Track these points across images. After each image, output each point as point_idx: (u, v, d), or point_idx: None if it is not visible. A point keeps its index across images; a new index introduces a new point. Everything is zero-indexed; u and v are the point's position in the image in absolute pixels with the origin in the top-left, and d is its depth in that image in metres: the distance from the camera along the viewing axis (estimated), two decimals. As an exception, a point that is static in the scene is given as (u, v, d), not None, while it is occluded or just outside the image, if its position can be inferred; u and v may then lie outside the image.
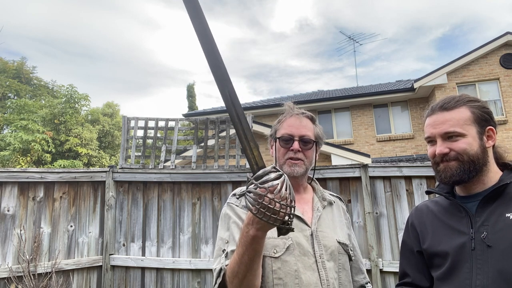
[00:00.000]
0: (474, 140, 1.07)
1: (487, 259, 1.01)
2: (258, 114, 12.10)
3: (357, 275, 1.38)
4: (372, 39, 31.21)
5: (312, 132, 1.33)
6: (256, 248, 0.98)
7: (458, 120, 1.08)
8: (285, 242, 1.19)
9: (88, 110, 16.03)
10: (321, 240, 1.24)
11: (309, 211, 1.31)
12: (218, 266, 1.15)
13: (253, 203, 0.88)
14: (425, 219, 1.22)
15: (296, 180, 1.31)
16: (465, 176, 1.07)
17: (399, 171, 3.67)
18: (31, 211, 3.77)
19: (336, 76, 70.29)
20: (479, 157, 1.07)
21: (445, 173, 1.09)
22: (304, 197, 1.35)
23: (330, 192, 1.46)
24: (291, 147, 1.29)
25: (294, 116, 1.34)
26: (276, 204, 0.85)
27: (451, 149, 1.07)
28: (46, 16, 42.71)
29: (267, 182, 0.87)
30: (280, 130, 1.33)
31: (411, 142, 11.86)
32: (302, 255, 1.19)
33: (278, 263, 1.17)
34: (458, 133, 1.07)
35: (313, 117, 1.38)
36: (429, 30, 78.46)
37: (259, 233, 0.94)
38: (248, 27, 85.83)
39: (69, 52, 47.90)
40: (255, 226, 0.93)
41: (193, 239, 3.96)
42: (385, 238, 3.64)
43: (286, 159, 1.29)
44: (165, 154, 4.60)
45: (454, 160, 1.07)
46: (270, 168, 0.91)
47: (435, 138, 1.11)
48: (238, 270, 1.03)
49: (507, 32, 10.92)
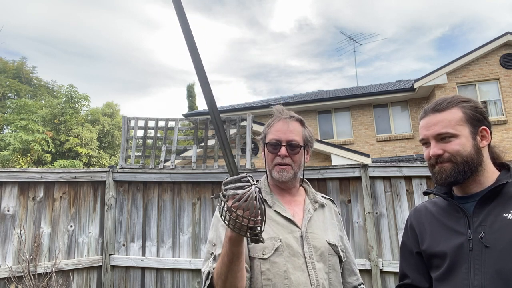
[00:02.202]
0: (467, 141, 1.08)
1: (485, 260, 1.01)
2: (258, 114, 12.09)
3: (350, 276, 1.39)
4: (372, 39, 31.28)
5: (300, 136, 1.32)
6: (234, 250, 0.99)
7: (450, 121, 1.09)
8: (274, 244, 1.20)
9: (88, 110, 16.04)
10: (311, 241, 1.25)
11: (300, 213, 1.32)
12: (207, 269, 1.17)
13: (219, 207, 0.92)
14: (423, 220, 1.22)
15: (286, 184, 1.33)
16: (460, 177, 1.07)
17: (399, 171, 3.67)
18: (31, 211, 3.77)
19: (335, 76, 70.31)
20: (473, 158, 1.07)
21: (440, 174, 1.10)
22: (296, 199, 1.37)
23: (322, 194, 1.47)
24: (278, 152, 1.29)
25: (282, 121, 1.33)
26: (233, 212, 0.88)
27: (445, 150, 1.08)
28: (46, 16, 42.73)
29: (232, 189, 0.90)
30: (269, 135, 1.34)
31: (411, 142, 11.86)
32: (291, 256, 1.20)
33: (267, 264, 1.19)
34: (450, 134, 1.08)
35: (302, 120, 1.38)
36: (429, 30, 78.48)
37: (233, 234, 0.95)
38: (248, 27, 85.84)
39: (69, 52, 47.93)
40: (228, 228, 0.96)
41: (193, 239, 3.96)
42: (385, 238, 3.64)
43: (274, 165, 1.30)
44: (165, 154, 4.60)
45: (447, 161, 1.08)
46: (239, 177, 0.93)
47: (428, 140, 1.12)
48: (221, 271, 1.05)
49: (507, 32, 10.92)
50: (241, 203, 0.88)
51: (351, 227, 3.71)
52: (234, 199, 0.88)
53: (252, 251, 1.20)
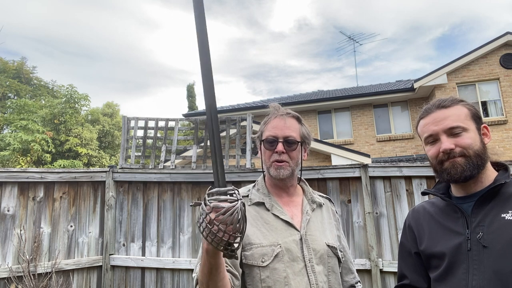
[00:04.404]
0: (476, 135, 1.08)
1: (483, 260, 1.01)
2: (258, 114, 12.07)
3: (347, 275, 1.38)
4: (371, 39, 31.26)
5: (297, 133, 1.31)
6: (211, 262, 0.96)
7: (459, 116, 1.08)
8: (274, 250, 1.18)
9: (88, 110, 16.05)
10: (311, 244, 1.23)
11: (298, 214, 1.30)
12: (195, 275, 1.15)
13: (198, 217, 0.88)
14: (422, 220, 1.22)
15: (283, 182, 1.32)
16: (475, 171, 1.05)
17: (399, 171, 3.67)
18: (31, 211, 3.77)
19: (335, 76, 70.30)
20: (483, 152, 1.07)
21: (454, 169, 1.06)
22: (294, 199, 1.35)
23: (319, 193, 1.45)
24: (275, 148, 1.27)
25: (279, 117, 1.32)
26: (214, 226, 0.84)
27: (456, 145, 1.06)
28: (46, 16, 42.73)
29: (216, 201, 0.87)
30: (265, 132, 1.32)
31: (411, 142, 11.86)
32: (291, 261, 1.18)
33: (266, 272, 1.16)
34: (462, 128, 1.07)
35: (298, 117, 1.36)
36: (428, 29, 78.50)
37: (209, 247, 0.92)
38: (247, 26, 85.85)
39: (69, 52, 47.93)
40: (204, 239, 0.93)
41: (193, 239, 3.96)
42: (385, 238, 3.64)
43: (272, 162, 1.28)
44: (165, 154, 4.60)
45: (460, 156, 1.06)
46: (225, 190, 0.89)
47: (438, 136, 1.09)
48: (202, 280, 1.03)
49: (507, 32, 10.92)
50: (225, 217, 0.84)
51: (351, 227, 3.71)
52: (218, 212, 0.84)
53: (251, 259, 1.18)
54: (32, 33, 42.89)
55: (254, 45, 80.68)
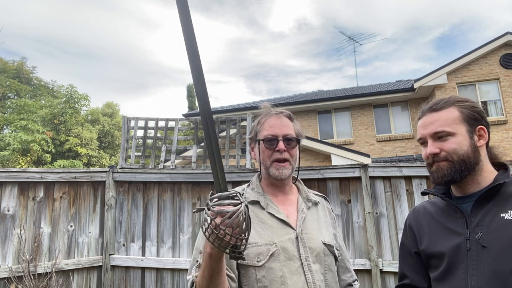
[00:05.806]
0: (464, 139, 1.08)
1: (482, 260, 1.01)
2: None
3: (344, 274, 1.37)
4: (371, 39, 31.19)
5: (293, 131, 1.32)
6: (214, 266, 0.97)
7: (446, 120, 1.10)
8: (269, 249, 1.17)
9: (88, 110, 16.05)
10: (307, 242, 1.23)
11: (294, 213, 1.30)
12: (191, 277, 1.15)
13: (203, 222, 0.89)
14: (422, 220, 1.22)
15: (282, 182, 1.31)
16: (456, 175, 1.07)
17: (399, 171, 3.68)
18: (31, 211, 3.77)
19: (335, 76, 70.24)
20: (470, 156, 1.07)
21: (437, 173, 1.10)
22: (289, 198, 1.34)
23: (314, 192, 1.45)
24: (276, 147, 1.26)
25: (274, 116, 1.32)
26: (221, 230, 0.85)
27: (441, 149, 1.08)
28: (46, 16, 42.73)
29: (219, 205, 0.87)
30: (262, 132, 1.31)
31: (411, 142, 11.86)
32: (287, 260, 1.18)
33: (262, 272, 1.16)
34: (447, 132, 1.08)
35: (291, 115, 1.36)
36: (428, 29, 78.43)
37: (214, 251, 0.93)
38: (246, 26, 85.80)
39: (68, 52, 47.92)
40: (209, 244, 0.93)
41: (193, 239, 3.96)
42: (385, 238, 3.64)
43: (272, 161, 1.27)
44: (165, 154, 4.61)
45: (444, 160, 1.08)
46: (227, 194, 0.90)
47: (426, 139, 1.13)
48: (202, 283, 1.04)
49: (507, 32, 10.92)
50: (231, 221, 0.85)
51: (351, 227, 3.72)
52: (224, 217, 0.85)
53: (246, 259, 1.17)
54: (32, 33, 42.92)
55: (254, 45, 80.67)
